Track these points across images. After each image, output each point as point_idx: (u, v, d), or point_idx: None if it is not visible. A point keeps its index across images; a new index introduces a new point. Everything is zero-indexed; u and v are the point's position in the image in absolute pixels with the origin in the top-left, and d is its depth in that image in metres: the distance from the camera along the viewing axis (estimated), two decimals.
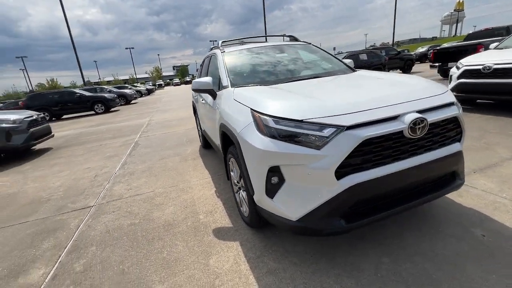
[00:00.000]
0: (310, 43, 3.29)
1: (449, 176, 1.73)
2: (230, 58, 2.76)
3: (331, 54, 3.07)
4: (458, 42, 13.65)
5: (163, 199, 2.85)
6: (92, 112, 14.47)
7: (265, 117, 1.53)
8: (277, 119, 1.48)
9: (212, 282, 1.63)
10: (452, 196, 2.22)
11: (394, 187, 1.49)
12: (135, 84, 37.68)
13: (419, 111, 1.47)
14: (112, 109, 15.31)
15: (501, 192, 2.20)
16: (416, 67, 18.32)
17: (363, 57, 11.89)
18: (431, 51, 9.33)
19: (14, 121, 5.35)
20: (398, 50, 19.83)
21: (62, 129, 9.87)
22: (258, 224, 1.96)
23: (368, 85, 1.99)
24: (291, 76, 2.47)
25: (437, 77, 10.34)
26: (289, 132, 1.43)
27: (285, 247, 1.85)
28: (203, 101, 3.21)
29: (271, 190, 1.54)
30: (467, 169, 2.67)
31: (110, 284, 1.72)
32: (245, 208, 2.06)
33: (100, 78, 69.06)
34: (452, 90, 5.21)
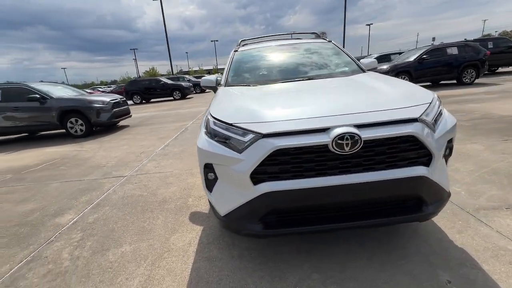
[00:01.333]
0: (331, 41, 3.09)
1: (413, 203, 1.48)
2: (237, 57, 2.90)
3: (347, 54, 2.83)
4: None
5: (174, 179, 3.30)
6: (171, 98, 16.87)
7: (210, 117, 1.67)
8: (215, 120, 1.60)
9: (162, 254, 1.91)
10: (449, 230, 1.84)
11: (320, 202, 1.41)
12: (215, 75, 41.42)
13: (358, 125, 1.33)
14: (188, 96, 17.46)
15: None
16: None
17: (453, 51, 9.84)
18: None
19: (103, 102, 6.90)
20: None
21: (143, 111, 11.98)
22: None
23: (334, 91, 1.84)
24: (281, 78, 2.44)
25: None
26: (220, 133, 1.53)
27: (235, 241, 1.97)
28: None
29: (209, 185, 1.68)
30: (501, 202, 2.12)
31: (100, 236, 2.22)
32: None
33: (189, 68, 78.66)
34: None
